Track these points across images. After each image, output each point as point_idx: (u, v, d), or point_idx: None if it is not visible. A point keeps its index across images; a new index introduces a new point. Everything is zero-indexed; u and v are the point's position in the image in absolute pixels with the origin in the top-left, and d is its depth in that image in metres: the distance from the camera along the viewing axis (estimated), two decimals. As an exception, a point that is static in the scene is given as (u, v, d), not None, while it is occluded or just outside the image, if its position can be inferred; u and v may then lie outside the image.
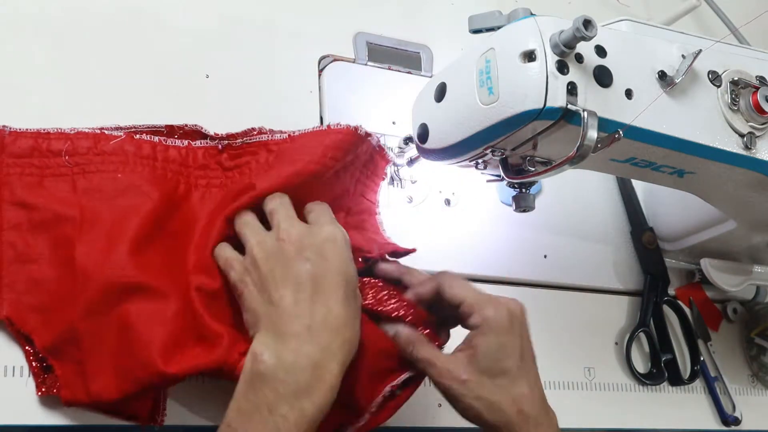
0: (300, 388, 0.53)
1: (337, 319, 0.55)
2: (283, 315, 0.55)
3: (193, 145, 0.68)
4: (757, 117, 0.67)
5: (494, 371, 0.59)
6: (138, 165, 0.64)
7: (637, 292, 0.91)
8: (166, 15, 0.77)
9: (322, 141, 0.65)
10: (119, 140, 0.64)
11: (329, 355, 0.54)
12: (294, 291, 0.56)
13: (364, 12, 0.88)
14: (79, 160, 0.63)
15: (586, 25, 0.56)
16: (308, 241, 0.57)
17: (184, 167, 0.67)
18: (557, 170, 0.62)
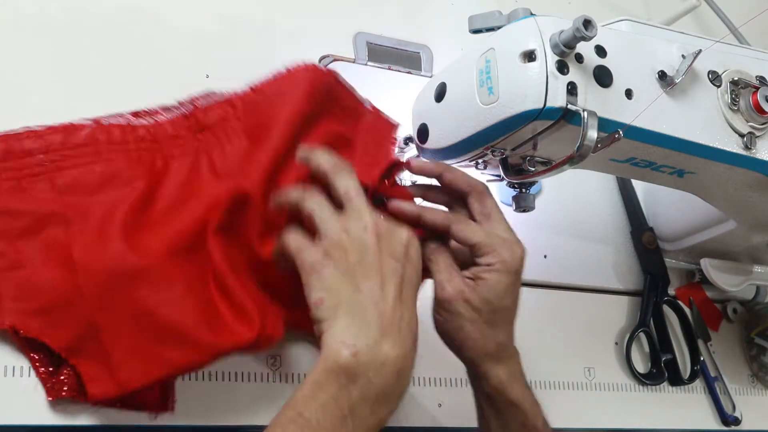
0: (385, 393, 0.52)
1: (414, 324, 0.56)
2: (372, 307, 0.54)
3: (158, 120, 0.68)
4: (757, 117, 0.67)
5: (495, 306, 0.62)
6: (112, 153, 0.64)
7: (637, 292, 0.91)
8: (166, 15, 0.77)
9: (293, 81, 0.66)
10: (89, 129, 0.64)
11: (410, 362, 0.54)
12: (381, 286, 0.55)
13: (364, 12, 0.88)
14: (53, 157, 0.62)
15: (586, 25, 0.56)
16: (395, 239, 0.57)
17: (156, 143, 0.66)
18: (557, 170, 0.62)
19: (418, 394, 0.74)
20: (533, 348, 0.82)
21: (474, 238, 0.62)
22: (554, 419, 0.80)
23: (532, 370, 0.81)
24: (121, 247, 0.59)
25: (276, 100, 0.66)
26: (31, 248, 0.60)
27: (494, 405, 0.64)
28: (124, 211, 0.61)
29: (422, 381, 0.74)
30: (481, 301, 0.61)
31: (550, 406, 0.71)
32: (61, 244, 0.60)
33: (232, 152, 0.67)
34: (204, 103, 0.69)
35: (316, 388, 0.52)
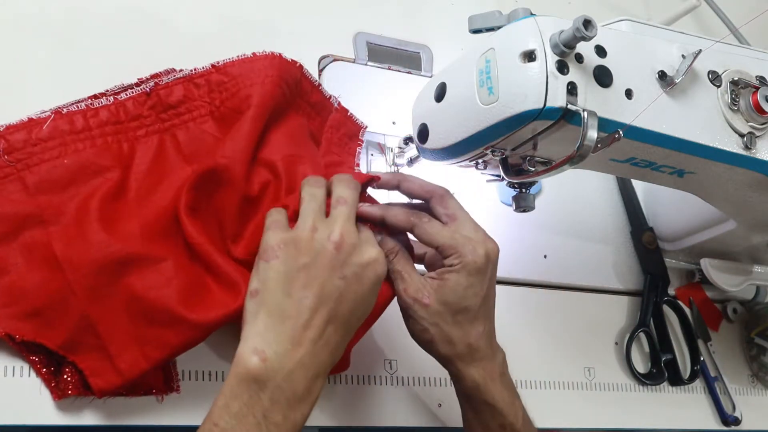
0: (295, 398, 0.53)
1: (339, 344, 0.56)
2: (296, 317, 0.54)
3: (119, 99, 0.67)
4: (757, 117, 0.67)
5: (456, 307, 0.62)
6: (78, 143, 0.63)
7: (637, 292, 0.91)
8: (166, 15, 0.77)
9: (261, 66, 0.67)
10: (50, 121, 0.63)
11: (322, 372, 0.55)
12: (316, 299, 0.55)
13: (364, 12, 0.88)
14: (19, 156, 0.61)
15: (586, 25, 0.56)
16: (354, 258, 0.56)
17: (119, 124, 0.66)
18: (557, 170, 0.62)
19: (418, 394, 0.74)
20: (533, 348, 0.82)
21: (438, 239, 0.62)
22: (554, 419, 0.80)
23: (532, 370, 0.81)
24: (103, 236, 0.59)
25: (243, 82, 0.67)
26: (13, 253, 0.60)
27: (471, 405, 0.64)
28: (99, 201, 0.61)
29: (422, 381, 0.74)
30: (441, 303, 0.61)
31: (550, 406, 0.71)
32: (42, 244, 0.60)
33: (197, 133, 0.67)
34: (165, 81, 0.68)
35: (230, 396, 0.53)
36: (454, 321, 0.62)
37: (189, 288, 0.59)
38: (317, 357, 0.54)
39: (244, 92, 0.66)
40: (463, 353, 0.62)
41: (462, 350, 0.62)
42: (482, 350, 0.63)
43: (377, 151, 0.81)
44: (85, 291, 0.58)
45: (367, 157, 0.80)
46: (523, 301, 0.84)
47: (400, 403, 0.73)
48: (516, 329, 0.82)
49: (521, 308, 0.84)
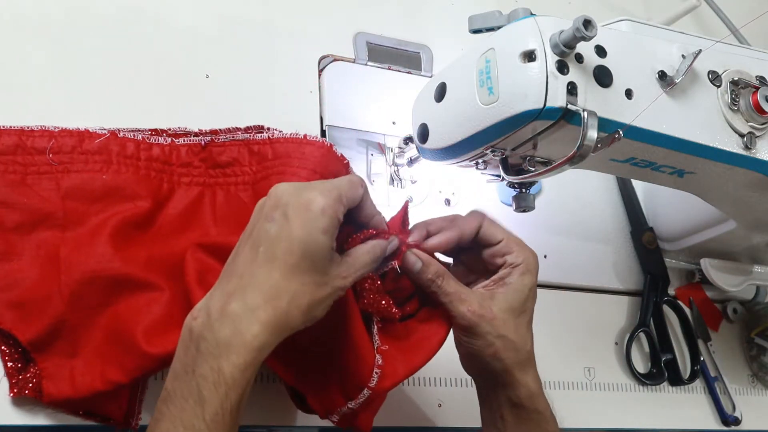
0: (219, 346, 0.49)
1: (274, 287, 0.50)
2: (232, 271, 0.52)
3: (176, 142, 0.68)
4: (757, 117, 0.67)
5: (518, 311, 0.61)
6: (122, 165, 0.64)
7: (637, 292, 0.91)
8: (166, 15, 0.77)
9: (300, 151, 0.63)
10: (104, 138, 0.64)
11: (252, 317, 0.50)
12: (251, 249, 0.52)
13: (364, 12, 0.88)
14: (63, 159, 0.63)
15: (586, 25, 0.56)
16: (285, 200, 0.52)
17: (167, 165, 0.67)
18: (557, 170, 0.62)
19: (418, 394, 0.74)
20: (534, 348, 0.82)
21: (500, 234, 0.62)
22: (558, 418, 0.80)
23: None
24: (108, 250, 0.59)
25: (281, 169, 0.64)
26: (23, 243, 0.61)
27: (520, 414, 0.62)
28: (120, 221, 0.61)
29: (422, 381, 0.74)
30: (504, 310, 0.60)
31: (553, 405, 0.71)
32: (53, 245, 0.60)
33: (235, 199, 0.66)
34: (222, 139, 0.68)
35: (174, 359, 0.51)
36: (516, 326, 0.61)
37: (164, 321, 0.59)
38: (247, 301, 0.50)
39: (275, 179, 0.64)
40: (523, 360, 0.61)
41: (523, 357, 0.61)
42: (534, 357, 0.62)
43: (377, 151, 0.81)
44: (72, 296, 0.58)
45: (368, 157, 0.80)
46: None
47: (400, 403, 0.73)
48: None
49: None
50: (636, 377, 0.86)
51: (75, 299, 0.58)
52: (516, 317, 0.61)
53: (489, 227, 0.63)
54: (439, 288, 0.60)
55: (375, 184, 0.79)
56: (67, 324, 0.58)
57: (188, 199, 0.66)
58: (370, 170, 0.80)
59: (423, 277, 0.60)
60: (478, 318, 0.59)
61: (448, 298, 0.60)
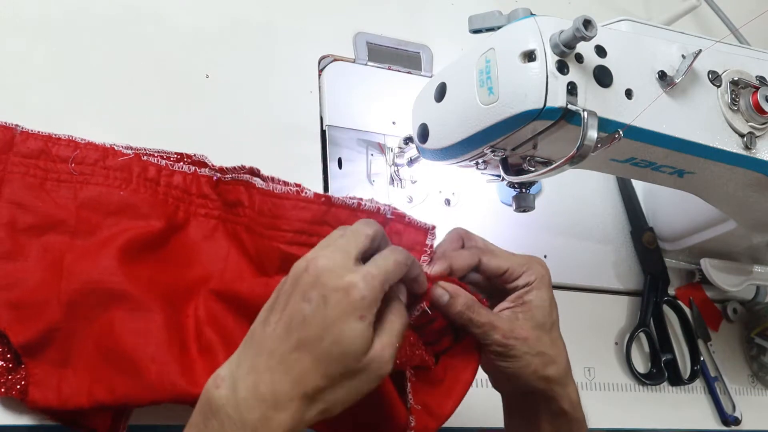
0: (246, 427, 0.48)
1: (303, 374, 0.48)
2: (261, 341, 0.50)
3: (198, 172, 0.67)
4: (757, 117, 0.67)
5: (547, 325, 0.60)
6: (141, 186, 0.65)
7: (637, 292, 0.91)
8: (166, 15, 0.77)
9: (296, 212, 0.60)
10: (128, 158, 0.65)
11: (281, 405, 0.48)
12: (285, 328, 0.49)
13: (364, 12, 0.88)
14: (84, 170, 0.64)
15: (586, 25, 0.56)
16: (324, 280, 0.49)
17: (187, 194, 0.66)
18: (557, 170, 0.62)
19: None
20: (533, 348, 0.82)
21: (505, 264, 0.60)
22: (554, 419, 0.80)
23: (532, 370, 0.81)
24: (113, 264, 0.59)
25: (271, 234, 0.62)
26: (30, 245, 0.61)
27: (561, 424, 0.61)
28: (130, 238, 0.61)
29: (422, 381, 0.74)
30: (536, 328, 0.59)
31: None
32: (59, 251, 0.61)
33: (260, 242, 0.64)
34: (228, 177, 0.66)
35: (190, 426, 0.50)
36: (550, 339, 0.60)
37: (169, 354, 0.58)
38: (276, 385, 0.48)
39: (269, 238, 0.62)
40: (563, 372, 0.60)
41: (563, 369, 0.60)
42: (570, 366, 0.62)
43: (377, 151, 0.81)
44: (69, 304, 0.58)
45: (368, 157, 0.80)
46: (523, 301, 0.84)
47: (400, 403, 0.73)
48: (516, 329, 0.82)
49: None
50: (636, 377, 0.86)
51: (72, 308, 0.58)
52: (547, 332, 0.60)
53: (489, 261, 0.60)
54: (471, 320, 0.57)
55: (375, 185, 0.79)
56: (61, 332, 0.58)
57: (205, 231, 0.66)
58: (369, 170, 0.80)
59: (453, 310, 0.57)
60: (514, 341, 0.58)
61: (481, 329, 0.58)
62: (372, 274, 0.49)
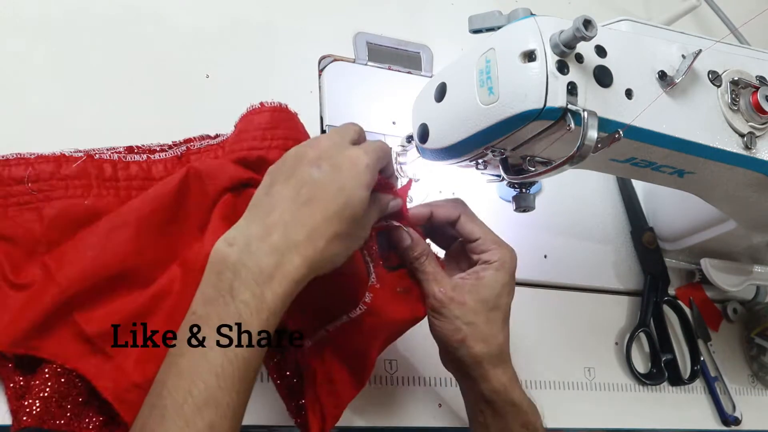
0: (262, 274, 0.52)
1: (315, 228, 0.54)
2: (269, 205, 0.55)
3: (152, 158, 0.66)
4: (757, 117, 0.67)
5: (490, 304, 0.63)
6: (102, 189, 0.63)
7: (637, 292, 0.91)
8: (166, 15, 0.77)
9: (252, 121, 0.66)
10: (80, 162, 0.62)
11: (294, 250, 0.53)
12: (293, 189, 0.55)
13: (364, 12, 0.88)
14: (42, 186, 0.61)
15: (586, 25, 0.56)
16: (330, 153, 0.56)
17: (148, 180, 0.65)
18: (557, 170, 0.62)
19: (418, 394, 0.74)
20: (533, 348, 0.82)
21: (478, 232, 0.65)
22: (554, 419, 0.80)
23: (532, 370, 0.81)
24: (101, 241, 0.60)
25: (232, 147, 0.66)
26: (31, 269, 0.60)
27: (494, 407, 0.64)
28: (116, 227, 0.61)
29: (422, 381, 0.74)
30: (477, 300, 0.63)
31: (550, 406, 0.71)
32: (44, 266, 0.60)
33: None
34: (197, 146, 0.68)
35: (204, 284, 0.53)
36: (487, 319, 0.63)
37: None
38: (290, 235, 0.53)
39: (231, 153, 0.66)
40: (493, 354, 0.63)
41: (494, 350, 0.63)
42: (507, 352, 0.64)
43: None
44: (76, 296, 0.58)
45: None
46: (523, 301, 0.84)
47: (400, 403, 0.73)
48: (516, 329, 0.82)
49: (521, 308, 0.83)
50: (636, 377, 0.86)
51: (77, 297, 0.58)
52: (488, 310, 0.63)
53: (466, 223, 0.65)
54: (421, 266, 0.64)
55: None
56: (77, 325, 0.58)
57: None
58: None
59: (410, 254, 0.64)
60: (449, 300, 0.63)
61: (425, 276, 0.64)
62: (371, 148, 0.57)
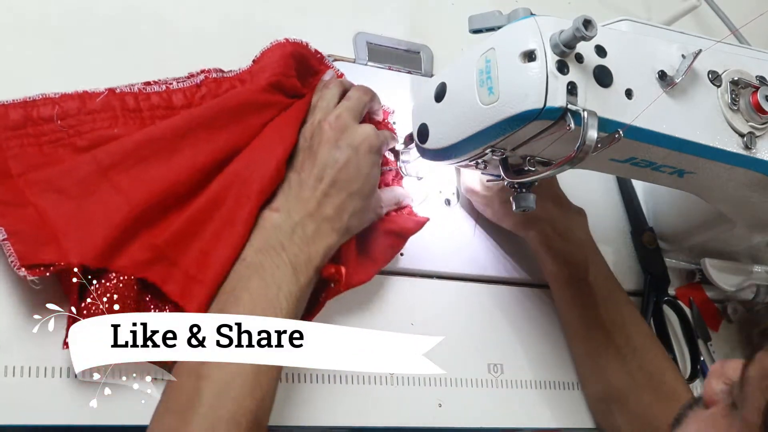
0: (305, 236, 0.64)
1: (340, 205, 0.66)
2: (301, 183, 0.66)
3: (171, 88, 0.69)
4: (757, 117, 0.67)
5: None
6: (128, 119, 0.65)
7: (637, 292, 0.91)
8: (167, 15, 0.77)
9: (274, 53, 0.72)
10: (103, 96, 0.65)
11: (327, 222, 0.65)
12: (320, 171, 0.66)
13: (364, 12, 0.88)
14: (71, 122, 0.64)
15: (586, 25, 0.56)
16: (348, 133, 0.67)
17: (170, 110, 0.68)
18: (557, 170, 0.62)
19: (418, 394, 0.74)
20: (534, 348, 0.82)
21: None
22: (555, 419, 0.80)
23: (533, 370, 0.81)
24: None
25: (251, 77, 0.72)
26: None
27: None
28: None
29: (422, 381, 0.74)
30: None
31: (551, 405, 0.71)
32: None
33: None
34: (215, 75, 0.71)
35: (255, 240, 0.64)
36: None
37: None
38: (322, 210, 0.65)
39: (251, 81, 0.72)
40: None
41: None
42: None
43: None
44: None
45: None
46: (523, 301, 0.84)
47: (400, 403, 0.73)
48: (517, 329, 0.82)
49: (522, 308, 0.84)
50: (636, 377, 0.86)
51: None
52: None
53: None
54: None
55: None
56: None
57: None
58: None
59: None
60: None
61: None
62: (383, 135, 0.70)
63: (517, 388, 0.79)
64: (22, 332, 0.59)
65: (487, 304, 0.81)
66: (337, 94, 0.71)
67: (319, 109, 0.70)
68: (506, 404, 0.78)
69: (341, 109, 0.68)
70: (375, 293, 0.76)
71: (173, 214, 0.63)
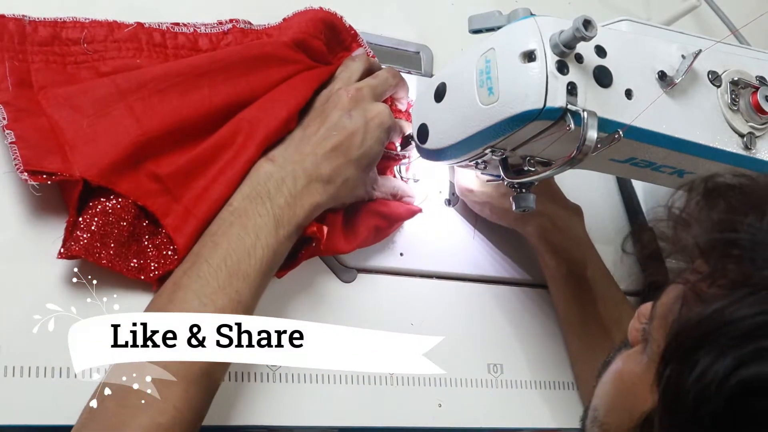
0: (295, 188, 0.64)
1: (337, 168, 0.66)
2: (304, 139, 0.67)
3: (198, 32, 0.71)
4: (757, 117, 0.67)
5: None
6: (153, 53, 0.67)
7: (637, 292, 0.91)
8: (167, 15, 0.76)
9: (306, 14, 0.74)
10: (131, 28, 0.67)
11: (320, 180, 0.65)
12: (327, 131, 0.66)
13: (364, 12, 0.87)
14: (97, 47, 0.66)
15: (586, 25, 0.56)
16: (363, 105, 0.68)
17: (195, 51, 0.69)
18: (557, 170, 0.62)
19: (418, 394, 0.74)
20: (534, 348, 0.82)
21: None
22: (557, 418, 0.80)
23: (533, 371, 0.81)
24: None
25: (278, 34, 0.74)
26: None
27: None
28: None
29: (422, 381, 0.74)
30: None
31: (551, 405, 0.71)
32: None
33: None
34: (242, 26, 0.73)
35: (245, 186, 0.64)
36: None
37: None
38: (319, 167, 0.65)
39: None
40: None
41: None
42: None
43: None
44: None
45: None
46: (523, 301, 0.84)
47: (400, 403, 0.73)
48: (517, 329, 0.82)
49: (522, 308, 0.84)
50: (636, 377, 0.86)
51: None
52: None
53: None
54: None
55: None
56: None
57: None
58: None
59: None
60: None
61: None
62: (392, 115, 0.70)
63: (516, 388, 0.79)
64: (22, 332, 0.59)
65: (487, 304, 0.82)
66: (362, 69, 0.72)
67: (340, 79, 0.71)
68: (506, 404, 0.78)
69: (363, 84, 0.70)
70: (375, 293, 0.76)
71: (181, 150, 0.65)
